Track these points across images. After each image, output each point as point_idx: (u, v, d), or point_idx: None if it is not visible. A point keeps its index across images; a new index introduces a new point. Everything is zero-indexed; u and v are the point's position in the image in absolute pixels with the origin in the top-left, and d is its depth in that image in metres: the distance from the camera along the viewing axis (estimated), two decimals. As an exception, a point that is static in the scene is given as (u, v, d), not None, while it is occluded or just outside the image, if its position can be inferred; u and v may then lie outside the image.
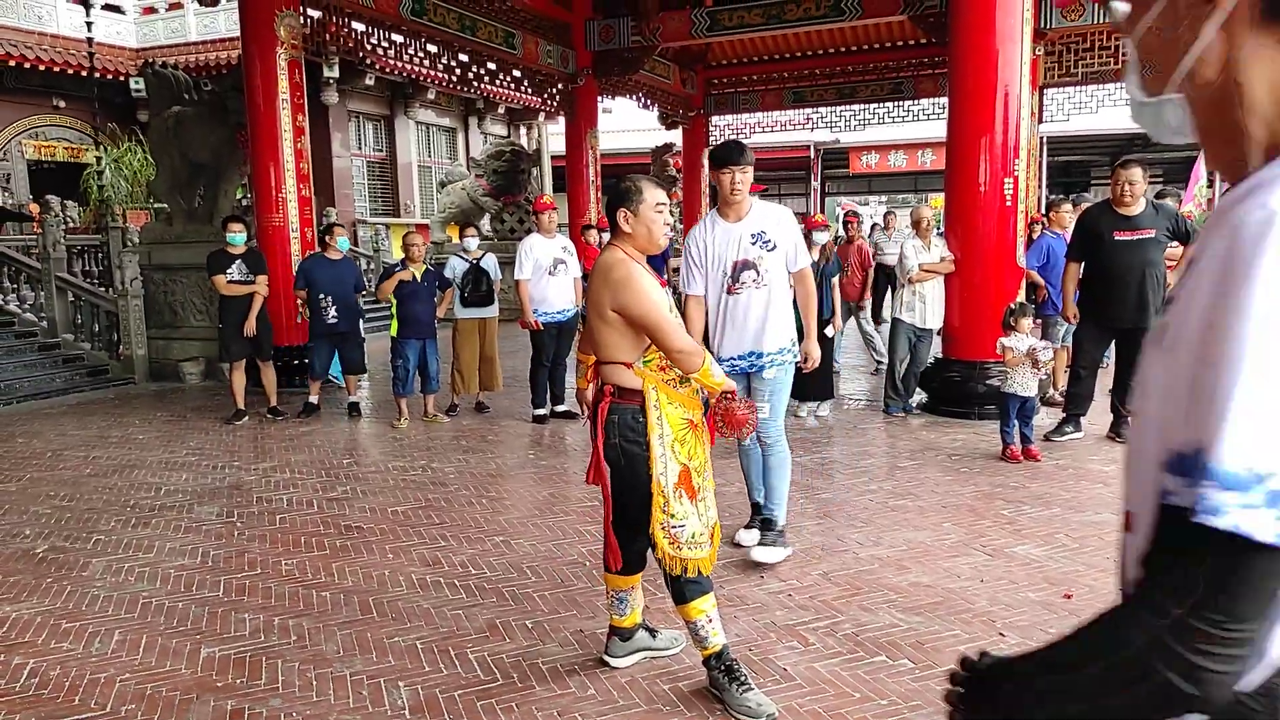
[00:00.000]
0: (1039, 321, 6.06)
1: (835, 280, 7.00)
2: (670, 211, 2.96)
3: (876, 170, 25.80)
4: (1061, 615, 3.45)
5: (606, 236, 3.61)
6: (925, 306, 7.09)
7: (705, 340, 4.02)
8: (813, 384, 7.21)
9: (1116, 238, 5.82)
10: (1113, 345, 6.32)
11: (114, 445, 6.80)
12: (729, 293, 3.97)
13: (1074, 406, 6.26)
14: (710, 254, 3.99)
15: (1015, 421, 5.76)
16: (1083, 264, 6.13)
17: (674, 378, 2.80)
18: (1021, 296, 6.97)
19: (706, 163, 3.67)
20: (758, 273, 3.94)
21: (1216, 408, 0.73)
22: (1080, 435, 6.16)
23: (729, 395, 2.88)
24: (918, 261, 7.02)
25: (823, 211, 25.20)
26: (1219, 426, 0.73)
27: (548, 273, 6.99)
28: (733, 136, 16.72)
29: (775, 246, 3.96)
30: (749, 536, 4.19)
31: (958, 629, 3.35)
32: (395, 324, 7.26)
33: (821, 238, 7.04)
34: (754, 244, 3.94)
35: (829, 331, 6.99)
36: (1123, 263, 5.83)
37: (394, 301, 7.22)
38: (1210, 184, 16.69)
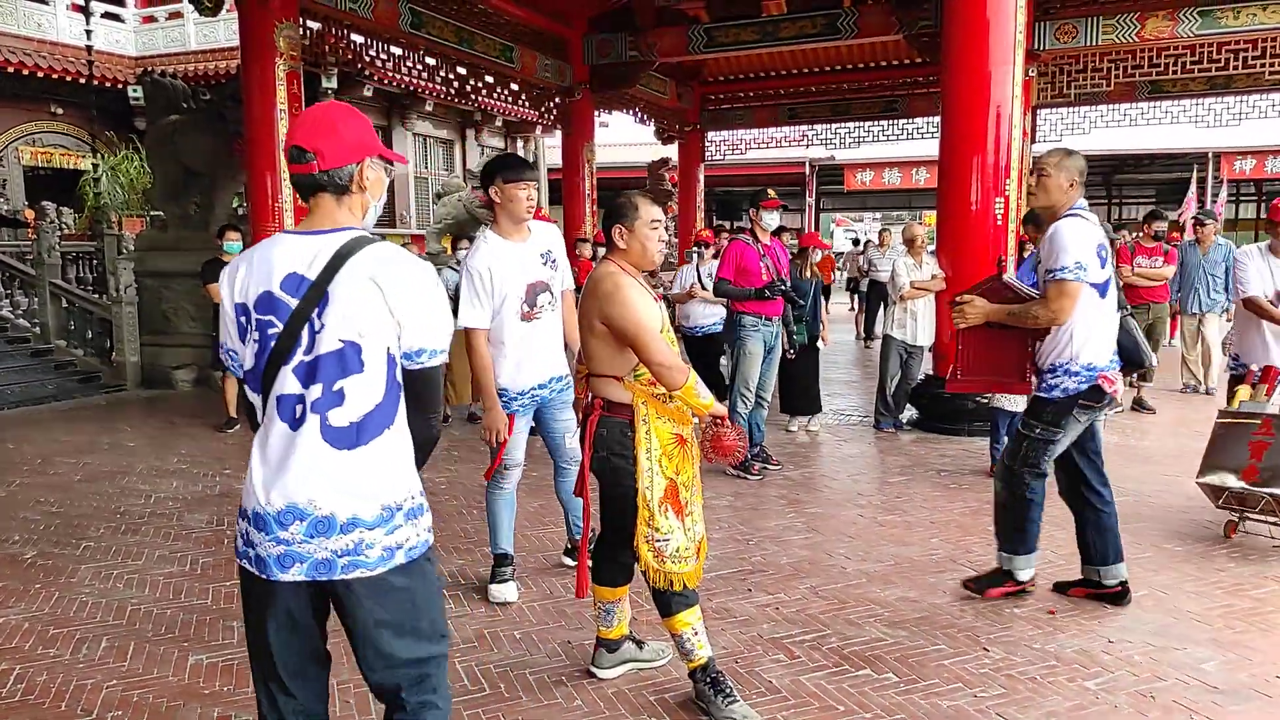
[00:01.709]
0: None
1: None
2: (665, 226, 2.99)
3: (871, 187, 25.91)
4: (1046, 631, 3.48)
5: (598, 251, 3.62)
6: (916, 324, 7.14)
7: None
8: (803, 398, 7.27)
9: None
10: None
11: (104, 451, 6.80)
12: (525, 319, 3.63)
13: None
14: (499, 279, 3.57)
15: (1005, 437, 5.80)
16: None
17: (664, 393, 2.82)
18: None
19: (490, 175, 3.58)
20: (551, 294, 3.68)
21: None
22: None
23: (719, 421, 2.87)
24: (909, 279, 7.08)
25: (818, 228, 25.29)
26: None
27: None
28: (728, 151, 16.83)
29: (559, 265, 3.74)
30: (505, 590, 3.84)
31: (943, 644, 3.37)
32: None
33: (815, 256, 7.14)
34: (544, 264, 3.67)
35: (820, 345, 7.08)
36: None
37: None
38: (1200, 204, 16.84)
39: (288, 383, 1.81)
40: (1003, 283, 3.66)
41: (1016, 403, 5.71)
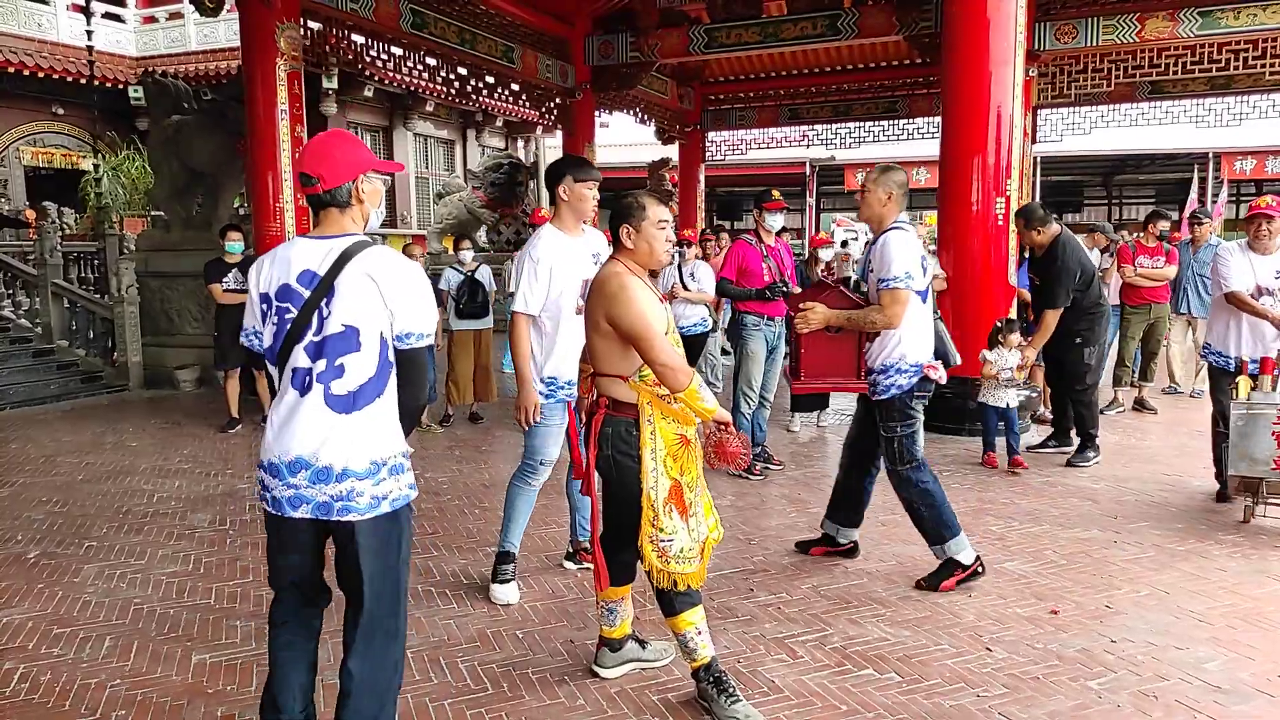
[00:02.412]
0: (1029, 339, 6.16)
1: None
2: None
3: (871, 187, 25.88)
4: (1048, 630, 3.48)
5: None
6: (917, 323, 7.14)
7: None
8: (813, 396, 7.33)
9: None
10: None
11: (107, 451, 6.80)
12: (579, 313, 3.63)
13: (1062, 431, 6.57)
14: (558, 271, 3.65)
15: (997, 429, 6.06)
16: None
17: (669, 394, 2.82)
18: (1013, 315, 7.03)
19: (560, 173, 3.78)
20: None
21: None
22: (1097, 458, 6.12)
23: (723, 427, 2.87)
24: (910, 279, 7.08)
25: (818, 228, 25.29)
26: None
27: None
28: (729, 151, 16.83)
29: None
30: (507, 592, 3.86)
31: (945, 643, 3.38)
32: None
33: (826, 254, 7.17)
34: (595, 262, 3.71)
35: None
36: None
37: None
38: (1200, 203, 16.84)
39: (300, 358, 2.23)
40: (838, 290, 4.03)
41: (1000, 398, 5.98)
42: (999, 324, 6.13)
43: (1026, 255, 8.11)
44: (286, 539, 2.34)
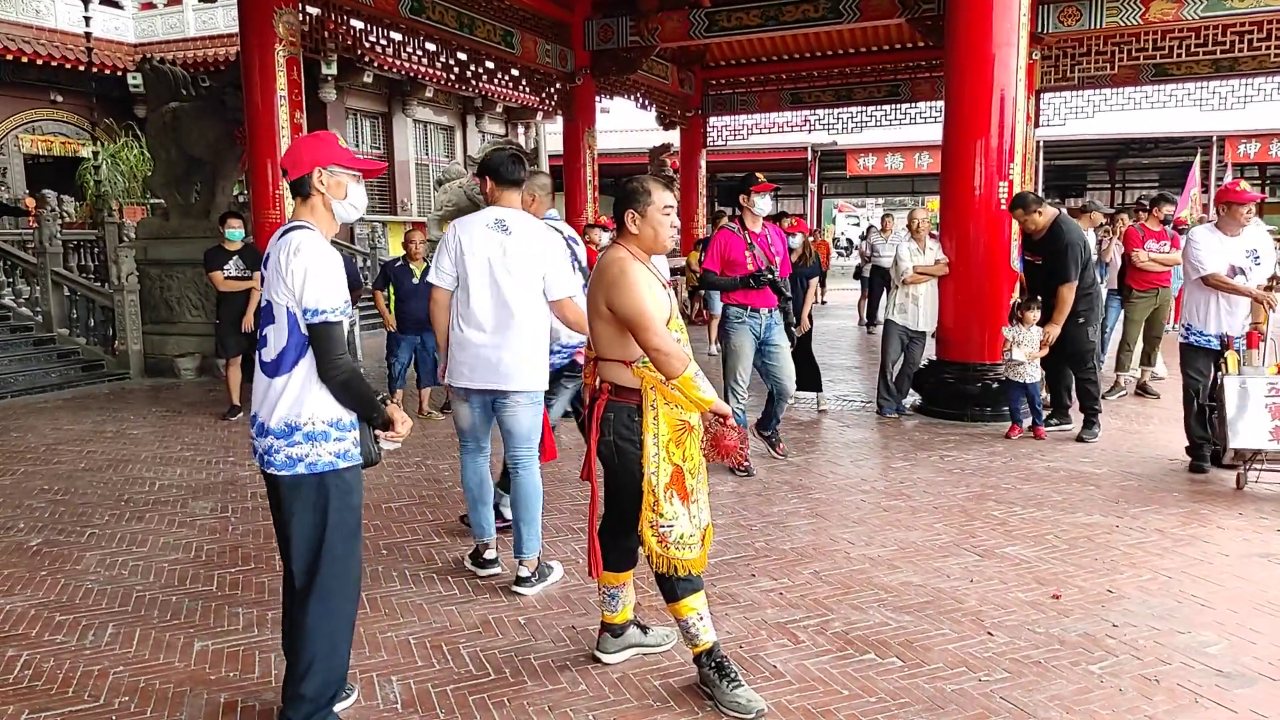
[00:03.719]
0: (1052, 318, 6.28)
1: (814, 281, 7.48)
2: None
3: (873, 172, 25.81)
4: (1050, 615, 3.48)
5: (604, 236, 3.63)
6: (919, 309, 7.12)
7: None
8: (804, 375, 7.43)
9: None
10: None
11: (108, 440, 6.80)
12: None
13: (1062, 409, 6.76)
14: None
15: (1020, 404, 6.37)
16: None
17: (665, 379, 2.80)
18: (1016, 299, 7.01)
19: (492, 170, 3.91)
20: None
21: None
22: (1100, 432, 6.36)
23: (721, 419, 2.85)
24: (912, 264, 7.06)
25: (820, 213, 25.24)
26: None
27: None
28: (731, 137, 16.77)
29: None
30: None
31: (947, 628, 3.38)
32: (394, 319, 7.27)
33: (795, 241, 7.15)
34: None
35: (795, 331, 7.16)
36: None
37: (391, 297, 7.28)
38: (1205, 189, 16.76)
39: (262, 329, 2.60)
40: None
41: (1023, 373, 6.21)
42: (1017, 301, 6.43)
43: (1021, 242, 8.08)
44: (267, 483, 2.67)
